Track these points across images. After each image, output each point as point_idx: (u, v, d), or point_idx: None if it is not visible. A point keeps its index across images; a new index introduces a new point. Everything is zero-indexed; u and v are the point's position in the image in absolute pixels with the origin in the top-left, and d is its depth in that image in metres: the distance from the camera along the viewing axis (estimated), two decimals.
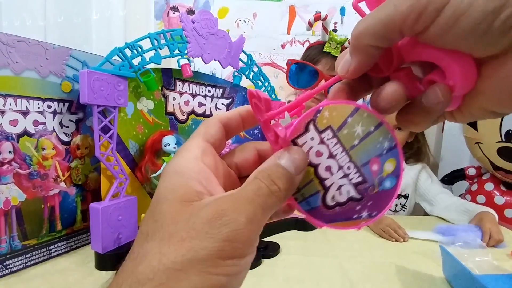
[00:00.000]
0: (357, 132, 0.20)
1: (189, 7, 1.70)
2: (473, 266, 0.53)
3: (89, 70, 0.49)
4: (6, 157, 0.49)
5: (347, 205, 0.20)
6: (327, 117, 0.20)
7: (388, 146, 0.20)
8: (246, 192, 0.17)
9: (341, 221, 0.20)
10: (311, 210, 0.21)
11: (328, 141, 0.20)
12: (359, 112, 0.20)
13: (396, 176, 0.20)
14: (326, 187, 0.20)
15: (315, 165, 0.20)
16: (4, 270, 0.50)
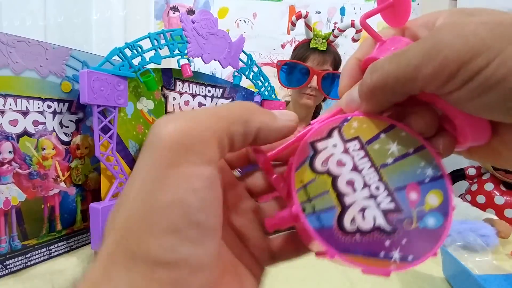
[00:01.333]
0: (392, 150, 0.17)
1: (189, 7, 1.70)
2: (473, 266, 0.53)
3: (89, 70, 0.49)
4: (6, 157, 0.49)
5: (372, 236, 0.16)
6: (356, 127, 0.17)
7: (432, 175, 0.17)
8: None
9: (362, 256, 0.16)
10: (321, 230, 0.16)
11: (353, 152, 0.17)
12: (395, 130, 0.17)
13: (443, 213, 0.17)
14: (345, 205, 0.16)
15: (334, 176, 0.17)
16: (4, 270, 0.50)
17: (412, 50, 0.15)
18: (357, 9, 1.66)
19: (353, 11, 1.66)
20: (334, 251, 0.16)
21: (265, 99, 0.82)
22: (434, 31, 0.15)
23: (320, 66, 1.05)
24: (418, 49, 0.15)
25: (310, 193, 0.16)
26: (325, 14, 1.68)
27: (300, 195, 0.16)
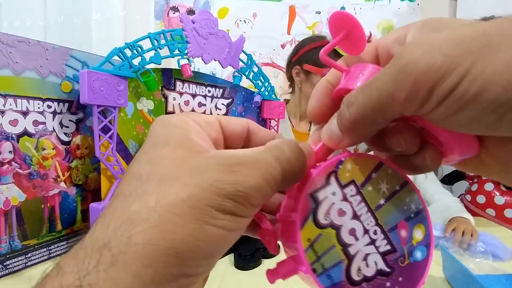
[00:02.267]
0: (383, 190, 0.18)
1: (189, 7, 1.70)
2: (473, 266, 0.53)
3: (89, 70, 0.49)
4: (6, 157, 0.49)
5: (375, 281, 0.17)
6: (350, 170, 0.18)
7: (416, 209, 0.18)
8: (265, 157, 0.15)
9: None
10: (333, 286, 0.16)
11: (351, 198, 0.17)
12: (383, 168, 0.18)
13: (426, 245, 0.18)
14: (351, 255, 0.17)
15: (337, 227, 0.17)
16: (4, 270, 0.50)
17: (381, 78, 0.15)
18: (357, 9, 1.66)
19: (353, 11, 1.66)
20: None
21: (265, 99, 0.82)
22: (400, 53, 0.14)
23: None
24: (387, 76, 0.14)
25: (318, 251, 0.16)
26: (325, 14, 1.68)
27: (309, 255, 0.16)
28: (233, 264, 0.58)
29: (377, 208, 0.18)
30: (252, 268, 0.57)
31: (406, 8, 1.67)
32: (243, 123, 0.20)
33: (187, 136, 0.16)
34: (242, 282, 0.53)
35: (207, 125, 0.18)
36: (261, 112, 0.84)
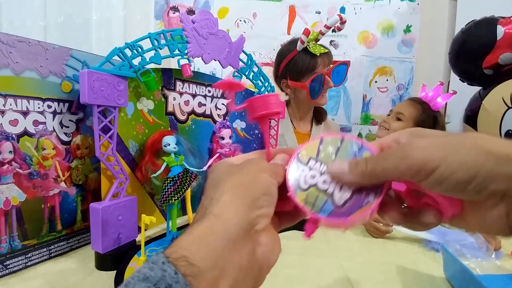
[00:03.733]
0: (331, 151, 0.28)
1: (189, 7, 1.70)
2: (474, 266, 0.53)
3: (89, 70, 0.49)
4: (6, 157, 0.49)
5: (354, 198, 0.25)
6: (304, 153, 0.28)
7: (357, 148, 0.27)
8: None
9: (358, 211, 0.25)
10: (330, 214, 0.25)
11: (314, 166, 0.27)
12: (324, 140, 0.28)
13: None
14: (330, 193, 0.26)
15: (314, 185, 0.26)
16: (4, 270, 0.50)
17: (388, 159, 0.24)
18: (357, 9, 1.66)
19: (353, 11, 1.66)
20: (344, 219, 0.25)
21: None
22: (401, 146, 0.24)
23: (327, 66, 1.08)
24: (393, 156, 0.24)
25: (310, 201, 0.26)
26: (325, 14, 1.68)
27: (308, 206, 0.26)
28: None
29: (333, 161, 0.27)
30: None
31: (406, 8, 1.67)
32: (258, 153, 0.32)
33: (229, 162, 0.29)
34: None
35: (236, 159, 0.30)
36: None
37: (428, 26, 1.65)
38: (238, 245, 0.23)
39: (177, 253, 0.21)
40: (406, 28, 1.66)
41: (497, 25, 1.03)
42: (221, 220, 0.23)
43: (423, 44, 1.66)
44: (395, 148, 0.24)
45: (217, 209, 0.23)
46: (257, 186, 0.25)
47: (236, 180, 0.25)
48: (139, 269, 0.20)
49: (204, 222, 0.23)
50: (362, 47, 1.67)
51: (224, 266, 0.21)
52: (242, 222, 0.23)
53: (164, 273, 0.19)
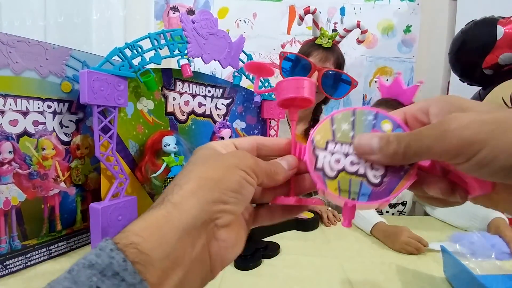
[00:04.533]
0: (346, 128, 0.25)
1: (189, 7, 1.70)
2: (475, 266, 0.53)
3: (89, 70, 0.49)
4: (6, 157, 0.49)
5: (389, 172, 0.23)
6: (319, 138, 0.26)
7: (373, 117, 0.25)
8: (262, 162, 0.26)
9: (398, 184, 0.23)
10: (371, 197, 0.23)
11: (335, 149, 0.25)
12: (334, 118, 0.26)
13: (397, 126, 0.24)
14: (363, 174, 0.24)
15: (342, 169, 0.24)
16: (4, 270, 0.50)
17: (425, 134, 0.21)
18: (357, 9, 1.66)
19: (353, 11, 1.66)
20: (386, 198, 0.23)
21: (265, 99, 0.82)
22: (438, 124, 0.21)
23: (322, 63, 1.05)
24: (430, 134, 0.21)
25: (345, 189, 0.24)
26: (325, 14, 1.68)
27: (343, 195, 0.24)
28: (232, 264, 0.58)
29: (352, 138, 0.25)
30: (252, 268, 0.57)
31: (406, 8, 1.67)
32: (251, 140, 0.29)
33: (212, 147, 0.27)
34: (242, 282, 0.53)
35: (224, 145, 0.28)
36: (261, 112, 0.84)
37: (428, 26, 1.65)
38: (193, 237, 0.22)
39: (127, 239, 0.19)
40: (406, 28, 1.67)
41: (497, 25, 1.03)
42: (179, 210, 0.21)
43: (423, 44, 1.66)
44: (430, 127, 0.21)
45: (177, 198, 0.22)
46: (227, 182, 0.23)
47: (207, 170, 0.24)
48: (86, 256, 0.18)
49: (161, 209, 0.22)
50: (362, 47, 1.67)
51: (176, 258, 0.20)
52: (201, 214, 0.22)
53: (112, 260, 0.18)
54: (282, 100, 0.27)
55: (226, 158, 0.25)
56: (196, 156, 0.26)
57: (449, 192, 0.23)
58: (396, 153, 0.22)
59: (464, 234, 0.65)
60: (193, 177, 0.23)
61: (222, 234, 0.23)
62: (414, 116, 0.25)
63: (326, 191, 0.24)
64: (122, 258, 0.18)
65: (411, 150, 0.22)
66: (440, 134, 0.20)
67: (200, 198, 0.22)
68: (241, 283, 0.53)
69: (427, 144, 0.21)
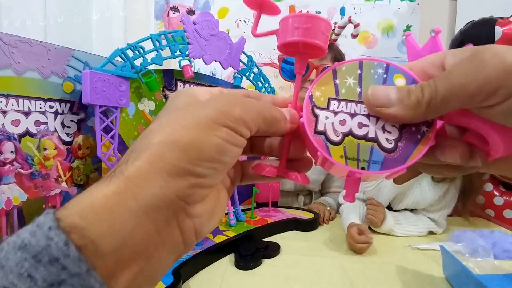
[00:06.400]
0: (352, 83, 0.21)
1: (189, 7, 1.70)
2: (474, 266, 0.53)
3: (91, 71, 0.49)
4: (8, 157, 0.50)
5: (404, 135, 0.20)
6: (320, 95, 0.21)
7: (383, 70, 0.21)
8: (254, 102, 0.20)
9: (415, 150, 0.20)
10: (384, 165, 0.20)
11: (339, 108, 0.21)
12: (337, 71, 0.21)
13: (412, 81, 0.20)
14: (374, 138, 0.20)
15: (349, 132, 0.20)
16: None
17: (455, 72, 0.17)
18: (357, 9, 1.66)
19: (353, 11, 1.66)
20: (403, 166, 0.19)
21: None
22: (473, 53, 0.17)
23: (319, 61, 1.06)
24: (461, 70, 0.17)
25: (352, 156, 0.20)
26: (325, 14, 1.68)
27: (351, 163, 0.20)
28: (233, 264, 0.58)
29: (359, 95, 0.21)
30: (252, 268, 0.57)
31: (406, 8, 1.67)
32: (244, 92, 0.24)
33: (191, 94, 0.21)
34: (242, 282, 0.53)
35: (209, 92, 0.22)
36: None
37: (428, 26, 1.65)
38: (156, 220, 0.17)
39: (69, 219, 0.15)
40: (406, 28, 1.67)
41: (496, 25, 1.04)
42: (134, 187, 0.16)
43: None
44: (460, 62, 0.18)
45: (132, 169, 0.17)
46: (201, 148, 0.17)
47: (173, 131, 0.18)
48: (19, 232, 0.14)
49: (111, 185, 0.16)
50: (362, 47, 1.67)
51: (135, 247, 0.16)
52: (164, 192, 0.17)
53: (50, 242, 0.14)
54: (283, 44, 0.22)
55: (202, 108, 0.19)
56: (167, 107, 0.21)
57: (468, 156, 0.20)
58: (419, 103, 0.18)
59: (464, 233, 0.66)
60: (155, 140, 0.17)
61: (196, 210, 0.19)
62: (425, 71, 0.20)
63: (329, 160, 0.20)
64: (63, 241, 0.14)
65: (438, 96, 0.18)
66: (475, 66, 0.17)
67: (162, 171, 0.17)
68: (241, 283, 0.53)
69: (459, 83, 0.17)
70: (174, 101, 0.21)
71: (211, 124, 0.18)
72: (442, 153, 0.20)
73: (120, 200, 0.16)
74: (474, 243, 0.61)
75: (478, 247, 0.60)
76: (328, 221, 0.84)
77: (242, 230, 0.69)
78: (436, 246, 0.63)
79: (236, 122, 0.18)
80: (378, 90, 0.20)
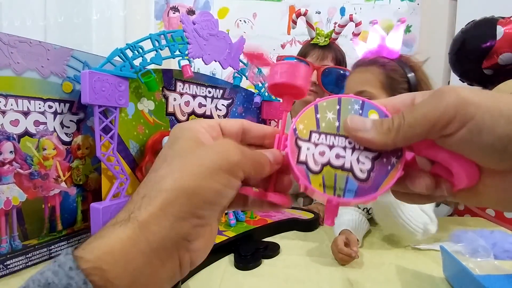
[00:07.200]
0: (331, 117, 0.23)
1: (189, 7, 1.70)
2: (474, 266, 0.53)
3: (90, 71, 0.49)
4: (7, 157, 0.50)
5: (376, 166, 0.22)
6: (302, 128, 0.23)
7: (359, 106, 0.23)
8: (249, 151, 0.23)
9: (385, 180, 0.22)
10: (357, 193, 0.22)
11: (319, 140, 0.23)
12: (319, 106, 0.24)
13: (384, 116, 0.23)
14: (349, 168, 0.22)
15: (327, 163, 0.22)
16: (4, 270, 0.50)
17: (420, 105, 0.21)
18: (357, 9, 1.66)
19: (353, 11, 1.66)
20: (374, 194, 0.21)
21: (265, 100, 0.82)
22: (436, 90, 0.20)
23: (320, 61, 1.05)
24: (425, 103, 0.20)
25: (329, 185, 0.22)
26: (325, 14, 1.68)
27: (328, 191, 0.22)
28: (233, 264, 0.58)
29: (338, 129, 0.23)
30: (252, 268, 0.57)
31: (406, 8, 1.67)
32: (238, 124, 0.26)
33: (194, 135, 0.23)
34: (242, 282, 0.53)
35: (209, 127, 0.25)
36: (261, 112, 0.84)
37: (428, 26, 1.65)
38: (163, 258, 0.20)
39: (90, 263, 0.18)
40: (406, 28, 1.67)
41: (497, 25, 1.04)
42: (147, 232, 0.19)
43: (423, 44, 1.66)
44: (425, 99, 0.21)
45: (144, 215, 0.19)
46: (204, 193, 0.20)
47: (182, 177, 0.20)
48: (43, 270, 0.17)
49: (127, 229, 0.19)
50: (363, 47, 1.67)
51: (144, 282, 0.19)
52: (171, 234, 0.20)
53: (71, 281, 0.16)
54: (269, 85, 0.25)
55: (207, 155, 0.21)
56: (174, 150, 0.22)
57: (433, 187, 0.22)
58: (389, 129, 0.21)
59: (464, 234, 0.65)
60: (165, 187, 0.20)
61: (194, 245, 0.21)
62: (395, 108, 0.23)
63: (309, 187, 0.22)
64: (82, 280, 0.16)
65: (405, 124, 0.20)
66: (436, 98, 0.20)
67: (170, 217, 0.19)
68: (241, 283, 0.53)
69: (423, 112, 0.20)
70: (178, 143, 0.23)
71: (215, 171, 0.20)
72: (412, 183, 0.22)
73: (135, 244, 0.19)
74: (474, 243, 0.61)
75: (478, 247, 0.60)
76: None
77: (242, 230, 0.68)
78: (436, 246, 0.63)
79: (235, 168, 0.21)
80: (356, 117, 0.22)
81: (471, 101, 0.18)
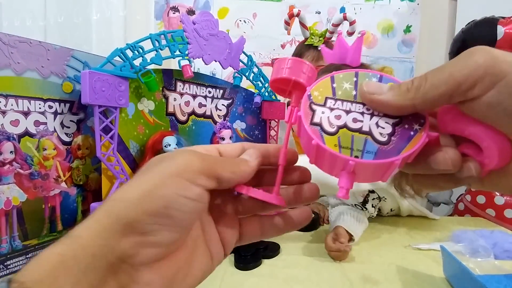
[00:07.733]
0: (348, 87, 0.23)
1: (189, 7, 1.70)
2: (474, 266, 0.53)
3: (90, 71, 0.49)
4: (7, 158, 0.50)
5: (397, 130, 0.21)
6: (318, 94, 0.23)
7: (378, 79, 0.22)
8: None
9: (408, 144, 0.20)
10: (377, 156, 0.20)
11: (335, 105, 0.22)
12: (335, 77, 0.23)
13: None
14: (368, 131, 0.21)
15: (343, 125, 0.21)
16: (4, 270, 0.50)
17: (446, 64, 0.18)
18: (357, 9, 1.66)
19: (353, 11, 1.66)
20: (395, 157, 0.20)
21: (265, 100, 0.82)
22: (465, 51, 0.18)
23: (315, 62, 1.05)
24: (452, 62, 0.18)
25: (346, 146, 0.21)
26: (325, 14, 1.68)
27: (345, 152, 0.20)
28: (233, 264, 0.58)
29: (354, 97, 0.22)
30: (252, 268, 0.57)
31: (406, 8, 1.67)
32: (238, 147, 0.24)
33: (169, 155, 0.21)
34: (242, 282, 0.53)
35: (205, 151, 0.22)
36: (261, 112, 0.84)
37: (428, 26, 1.65)
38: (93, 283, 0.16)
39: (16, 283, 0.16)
40: (406, 28, 1.67)
41: (497, 25, 1.04)
42: (76, 245, 0.16)
43: (423, 44, 1.66)
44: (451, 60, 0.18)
45: (81, 229, 0.17)
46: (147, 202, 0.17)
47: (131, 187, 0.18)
48: None
49: (59, 245, 0.17)
50: (362, 47, 1.67)
51: None
52: (103, 251, 0.16)
53: None
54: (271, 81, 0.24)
55: (167, 164, 0.19)
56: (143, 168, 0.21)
57: (460, 163, 0.19)
58: (408, 90, 0.19)
59: (464, 234, 0.65)
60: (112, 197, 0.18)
61: (145, 275, 0.18)
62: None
63: (322, 147, 0.21)
64: None
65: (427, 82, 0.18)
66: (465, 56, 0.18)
67: (101, 230, 0.17)
68: (241, 283, 0.53)
69: (449, 71, 0.18)
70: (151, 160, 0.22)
71: (167, 178, 0.18)
72: (435, 160, 0.20)
73: (63, 262, 0.16)
74: (474, 243, 0.61)
75: (479, 247, 0.60)
76: (328, 221, 0.84)
77: None
78: (436, 246, 0.63)
79: (199, 173, 0.19)
80: (372, 82, 0.21)
81: (504, 59, 0.16)
